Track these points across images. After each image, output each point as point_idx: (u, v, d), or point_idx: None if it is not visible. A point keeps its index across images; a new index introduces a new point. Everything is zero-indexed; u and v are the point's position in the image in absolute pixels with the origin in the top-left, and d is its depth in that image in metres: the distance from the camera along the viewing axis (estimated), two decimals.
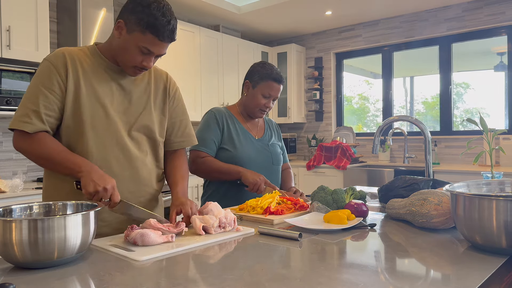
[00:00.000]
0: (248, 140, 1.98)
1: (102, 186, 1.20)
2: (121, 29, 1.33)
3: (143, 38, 1.30)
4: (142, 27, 1.29)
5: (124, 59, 1.35)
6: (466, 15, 4.42)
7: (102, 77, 1.38)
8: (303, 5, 4.48)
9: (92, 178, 1.21)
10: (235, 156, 1.91)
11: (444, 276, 0.89)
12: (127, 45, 1.32)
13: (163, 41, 1.32)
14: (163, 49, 1.35)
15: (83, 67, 1.36)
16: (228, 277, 0.88)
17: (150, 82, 1.49)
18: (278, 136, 2.16)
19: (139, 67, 1.36)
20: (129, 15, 1.31)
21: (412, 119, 1.87)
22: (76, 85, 1.33)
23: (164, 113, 1.52)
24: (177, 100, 1.57)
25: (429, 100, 4.97)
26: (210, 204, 1.35)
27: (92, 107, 1.34)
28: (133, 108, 1.43)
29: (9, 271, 0.94)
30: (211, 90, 4.68)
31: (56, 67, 1.32)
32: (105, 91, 1.37)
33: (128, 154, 1.41)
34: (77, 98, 1.33)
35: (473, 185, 1.24)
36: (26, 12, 3.00)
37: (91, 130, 1.34)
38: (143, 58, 1.34)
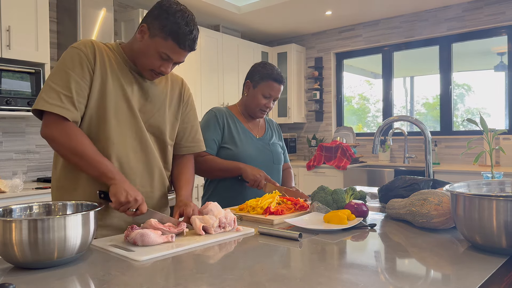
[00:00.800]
0: (249, 139, 1.98)
1: (134, 197, 1.24)
2: (143, 33, 1.36)
3: (164, 44, 1.33)
4: (165, 33, 1.31)
5: (143, 62, 1.38)
6: (466, 15, 4.42)
7: (124, 74, 1.40)
8: (303, 5, 4.47)
9: (124, 187, 1.24)
10: (236, 155, 1.91)
11: (444, 276, 0.89)
12: (148, 49, 1.35)
13: (183, 49, 1.35)
14: (182, 57, 1.38)
15: (110, 60, 1.38)
16: (228, 277, 0.88)
17: (167, 85, 1.52)
18: (279, 136, 2.17)
19: (156, 72, 1.38)
20: (153, 21, 1.34)
21: (412, 119, 1.87)
22: (103, 75, 1.35)
23: (177, 117, 1.55)
24: (190, 106, 1.61)
25: (430, 101, 4.97)
26: (210, 204, 1.35)
27: (116, 98, 1.37)
28: (148, 107, 1.45)
29: (9, 271, 0.94)
30: (211, 90, 4.68)
31: (86, 54, 1.32)
32: (128, 87, 1.40)
33: (146, 148, 1.43)
34: (104, 87, 1.34)
35: (473, 185, 1.24)
36: (26, 12, 3.00)
37: (114, 120, 1.36)
38: (161, 63, 1.36)
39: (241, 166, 1.86)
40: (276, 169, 2.04)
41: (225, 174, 1.90)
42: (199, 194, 4.10)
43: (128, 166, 1.39)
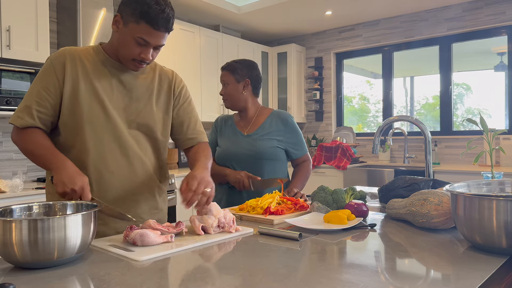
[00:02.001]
0: (235, 136, 2.04)
1: (70, 188, 1.20)
2: (118, 23, 1.34)
3: (138, 28, 1.30)
4: (136, 17, 1.29)
5: (123, 53, 1.36)
6: (466, 15, 4.42)
7: (102, 74, 1.39)
8: (303, 5, 4.47)
9: (61, 178, 1.21)
10: (223, 152, 2.02)
11: (444, 276, 0.89)
12: (124, 38, 1.33)
13: (158, 30, 1.31)
14: (159, 40, 1.34)
15: (84, 65, 1.37)
16: (228, 277, 0.88)
17: (153, 81, 1.49)
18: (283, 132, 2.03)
19: (138, 60, 1.36)
20: (125, 8, 1.32)
21: (412, 119, 1.87)
22: (74, 83, 1.35)
23: (168, 113, 1.51)
24: (184, 98, 1.57)
25: (430, 101, 4.96)
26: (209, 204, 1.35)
27: (90, 103, 1.35)
28: (133, 106, 1.42)
29: (9, 271, 0.94)
30: (211, 90, 4.68)
31: (54, 65, 1.35)
32: (104, 88, 1.38)
33: (126, 151, 1.41)
34: (75, 95, 1.34)
35: (473, 185, 1.24)
36: (26, 12, 3.00)
37: (88, 126, 1.35)
38: (140, 50, 1.34)
39: (226, 173, 1.93)
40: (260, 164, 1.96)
41: (219, 180, 1.97)
42: None
43: (107, 172, 1.37)
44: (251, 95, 2.06)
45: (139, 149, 1.44)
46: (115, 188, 1.39)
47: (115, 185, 1.39)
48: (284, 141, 2.03)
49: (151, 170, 1.48)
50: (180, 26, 4.28)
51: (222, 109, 4.78)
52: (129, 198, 1.43)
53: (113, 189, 1.39)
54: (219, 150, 2.05)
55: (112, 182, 1.38)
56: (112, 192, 1.39)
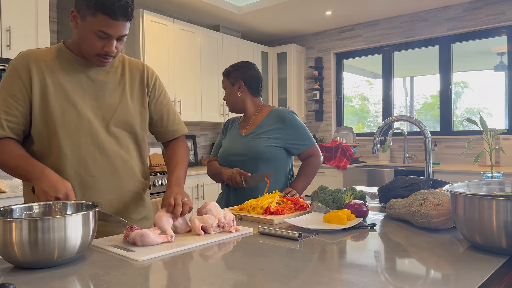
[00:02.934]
0: (234, 136, 2.07)
1: (54, 196, 1.16)
2: (76, 18, 1.28)
3: (95, 21, 1.23)
4: (92, 9, 1.22)
5: (85, 49, 1.29)
6: (466, 15, 4.42)
7: (70, 74, 1.33)
8: (303, 5, 4.48)
9: (42, 187, 1.18)
10: (221, 153, 2.07)
11: (444, 276, 0.89)
12: (84, 33, 1.26)
13: (116, 19, 1.24)
14: (120, 30, 1.27)
15: (49, 66, 1.31)
16: (228, 277, 0.88)
17: (124, 74, 1.43)
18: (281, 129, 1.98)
19: (103, 55, 1.29)
20: (79, 1, 1.26)
21: (412, 119, 1.87)
22: (42, 86, 1.29)
23: (144, 106, 1.46)
24: (159, 90, 1.52)
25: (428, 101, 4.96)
26: (209, 204, 1.35)
27: (61, 106, 1.30)
28: (108, 103, 1.37)
29: (9, 271, 0.94)
30: (211, 90, 4.68)
31: (18, 71, 1.28)
32: (75, 88, 1.32)
33: (106, 152, 1.36)
34: (44, 100, 1.29)
35: (473, 185, 1.24)
36: (26, 12, 3.00)
37: (62, 131, 1.30)
38: (103, 43, 1.27)
39: (221, 171, 1.99)
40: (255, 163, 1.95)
41: (218, 179, 2.06)
42: (199, 194, 4.10)
43: (88, 175, 1.33)
44: (249, 95, 2.06)
45: (119, 147, 1.39)
46: (100, 192, 1.34)
47: (99, 188, 1.35)
48: (282, 139, 1.97)
49: (134, 167, 1.44)
50: (180, 26, 4.28)
51: (222, 109, 4.78)
52: (116, 199, 1.39)
53: (97, 193, 1.35)
54: (220, 150, 2.09)
55: (95, 185, 1.34)
56: (97, 196, 1.35)
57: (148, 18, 3.92)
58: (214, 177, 2.09)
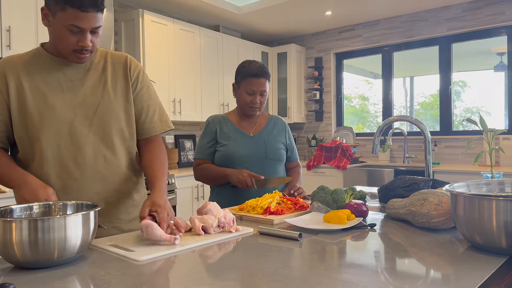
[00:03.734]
0: (241, 137, 2.02)
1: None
2: (47, 16, 1.24)
3: (65, 15, 1.19)
4: (60, 4, 1.18)
5: (61, 46, 1.26)
6: (466, 15, 4.42)
7: (48, 75, 1.30)
8: (303, 5, 4.48)
9: (23, 195, 1.17)
10: (228, 153, 1.97)
11: (444, 276, 0.89)
12: (57, 30, 1.23)
13: (86, 11, 1.19)
14: (92, 22, 1.22)
15: (26, 70, 1.29)
16: (228, 277, 0.88)
17: (105, 70, 1.39)
18: (284, 134, 2.14)
19: (79, 50, 1.25)
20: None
21: (412, 119, 1.87)
22: (19, 91, 1.27)
23: (129, 100, 1.41)
24: (141, 84, 1.45)
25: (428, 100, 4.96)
26: (209, 204, 1.35)
27: (39, 109, 1.27)
28: (89, 101, 1.33)
29: (9, 271, 0.94)
30: (211, 90, 4.68)
31: None
32: (53, 89, 1.30)
33: (88, 153, 1.32)
34: (22, 104, 1.27)
35: (473, 185, 1.24)
36: (26, 12, 3.00)
37: (42, 135, 1.27)
38: (77, 38, 1.23)
39: (226, 173, 1.90)
40: (270, 164, 2.01)
41: (218, 182, 1.99)
42: (199, 194, 4.10)
43: (70, 178, 1.30)
44: None
45: (103, 146, 1.35)
46: (83, 194, 1.32)
47: (83, 191, 1.32)
48: (285, 144, 2.13)
49: (122, 166, 1.41)
50: (180, 26, 4.28)
51: (222, 109, 4.78)
52: (102, 200, 1.36)
53: (81, 195, 1.32)
54: (222, 151, 1.98)
55: (78, 188, 1.31)
56: (82, 199, 1.31)
57: (148, 18, 3.92)
58: (210, 180, 2.01)
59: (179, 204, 3.86)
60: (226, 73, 4.88)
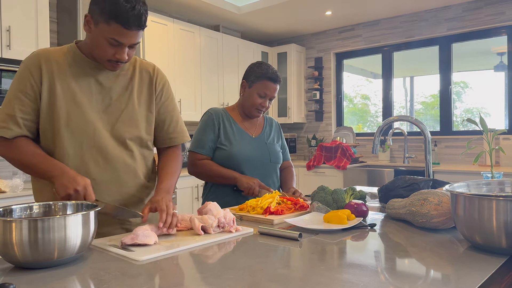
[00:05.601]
0: (244, 138, 1.98)
1: (73, 188, 1.18)
2: (89, 23, 1.28)
3: (108, 29, 1.23)
4: (105, 17, 1.21)
5: (97, 54, 1.30)
6: (466, 15, 4.42)
7: (80, 75, 1.33)
8: (303, 5, 4.48)
9: (62, 182, 1.19)
10: (232, 154, 1.92)
11: (444, 276, 0.89)
12: (97, 39, 1.27)
13: (129, 29, 1.23)
14: (133, 38, 1.26)
15: (59, 66, 1.32)
16: (228, 277, 0.88)
17: (133, 77, 1.43)
18: (279, 135, 2.16)
19: (114, 60, 1.30)
20: (93, 6, 1.25)
21: (412, 119, 1.87)
22: (51, 85, 1.30)
23: (151, 109, 1.45)
24: (166, 95, 1.50)
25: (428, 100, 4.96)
26: (209, 204, 1.35)
27: (67, 107, 1.30)
28: (114, 106, 1.37)
29: (9, 271, 0.94)
30: (211, 90, 4.68)
31: (29, 68, 1.29)
32: (82, 90, 1.33)
33: (107, 155, 1.36)
34: (52, 99, 1.30)
35: (473, 185, 1.24)
36: (26, 12, 3.00)
37: (66, 131, 1.30)
38: (114, 50, 1.27)
39: (236, 176, 1.87)
40: (273, 168, 2.04)
41: (221, 181, 1.93)
42: (199, 194, 4.10)
43: (90, 178, 1.30)
44: None
45: (123, 151, 1.39)
46: (99, 194, 1.33)
47: (99, 191, 1.34)
48: (280, 145, 2.14)
49: (138, 171, 1.44)
50: (180, 26, 4.28)
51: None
52: (115, 202, 1.38)
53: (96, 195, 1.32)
54: (226, 151, 1.93)
55: (95, 188, 1.32)
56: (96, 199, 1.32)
57: (148, 18, 3.91)
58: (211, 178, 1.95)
59: (179, 204, 3.86)
60: (226, 73, 4.88)
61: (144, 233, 1.14)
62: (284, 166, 2.18)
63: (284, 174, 2.16)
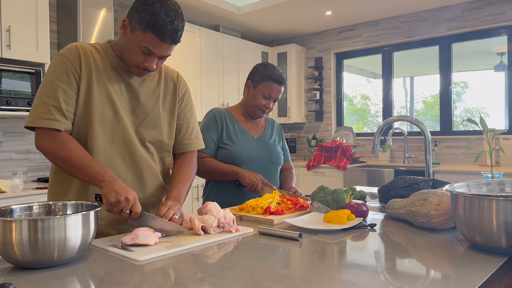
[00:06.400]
0: (247, 138, 1.98)
1: (124, 196, 1.18)
2: (126, 27, 1.31)
3: (144, 37, 1.27)
4: (143, 26, 1.25)
5: (127, 58, 1.33)
6: (466, 15, 4.42)
7: (113, 75, 1.36)
8: (303, 5, 4.48)
9: (114, 188, 1.19)
10: (234, 154, 1.92)
11: (444, 276, 0.89)
12: (130, 44, 1.30)
13: (164, 41, 1.28)
14: (165, 50, 1.31)
15: (96, 63, 1.34)
16: (228, 277, 0.88)
17: (159, 83, 1.47)
18: (280, 136, 2.17)
19: (142, 68, 1.33)
20: (134, 14, 1.28)
21: (412, 119, 1.87)
22: (89, 80, 1.32)
23: (173, 115, 1.50)
24: (186, 102, 1.54)
25: (428, 100, 4.97)
26: (209, 204, 1.35)
27: (102, 103, 1.33)
28: (141, 109, 1.41)
29: (9, 271, 0.94)
30: (211, 90, 4.68)
31: (71, 61, 1.30)
32: (115, 89, 1.36)
33: (134, 154, 1.39)
34: (89, 94, 1.31)
35: (473, 185, 1.24)
36: (26, 12, 3.00)
37: (99, 127, 1.33)
38: (144, 58, 1.31)
39: (238, 171, 1.86)
40: (275, 169, 2.05)
41: (223, 178, 1.92)
42: (199, 194, 4.10)
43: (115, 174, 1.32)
44: None
45: (146, 152, 1.43)
46: None
47: None
48: (281, 146, 2.15)
49: (158, 173, 1.48)
50: None
51: None
52: None
53: None
54: (228, 151, 1.93)
55: None
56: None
57: None
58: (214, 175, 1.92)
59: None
60: (226, 73, 4.88)
61: (144, 234, 1.14)
62: (285, 168, 2.18)
63: (284, 175, 2.16)
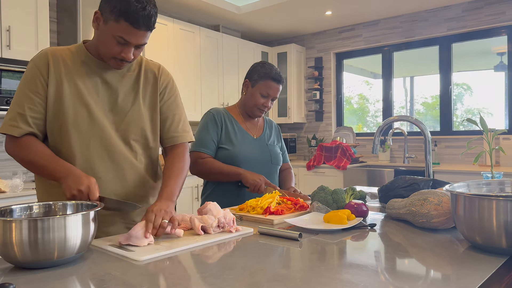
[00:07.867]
0: (246, 139, 1.98)
1: (76, 189, 1.18)
2: (98, 20, 1.28)
3: (117, 27, 1.23)
4: (115, 15, 1.22)
5: (103, 51, 1.30)
6: (466, 15, 4.42)
7: (86, 74, 1.34)
8: (303, 5, 4.48)
9: (67, 182, 1.19)
10: (234, 155, 1.91)
11: (444, 276, 0.89)
12: (104, 36, 1.27)
13: (138, 28, 1.24)
14: (141, 38, 1.27)
15: (67, 65, 1.32)
16: (228, 277, 0.88)
17: (139, 77, 1.44)
18: (278, 136, 2.17)
19: (119, 59, 1.30)
20: (104, 4, 1.26)
21: (412, 119, 1.87)
22: (58, 85, 1.31)
23: (156, 109, 1.46)
24: (169, 94, 1.50)
25: (429, 101, 4.97)
26: (209, 204, 1.35)
27: (74, 106, 1.31)
28: (120, 106, 1.38)
29: (9, 271, 0.94)
30: (211, 90, 4.68)
31: (39, 67, 1.30)
32: (89, 90, 1.34)
33: (114, 155, 1.37)
34: (59, 98, 1.30)
35: (473, 185, 1.24)
36: (26, 12, 3.00)
37: (74, 130, 1.31)
38: (121, 49, 1.28)
39: (240, 172, 1.85)
40: (274, 169, 2.05)
41: (225, 178, 1.91)
42: (199, 194, 4.09)
43: (96, 177, 1.31)
44: None
45: (128, 151, 1.40)
46: (104, 193, 1.34)
47: (104, 190, 1.35)
48: (280, 146, 2.15)
49: (143, 171, 1.45)
50: (180, 26, 4.28)
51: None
52: None
53: (102, 193, 1.34)
54: (227, 151, 1.92)
55: (100, 187, 1.32)
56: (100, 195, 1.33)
57: None
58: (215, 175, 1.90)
59: (179, 204, 3.86)
60: (226, 73, 4.88)
61: (136, 235, 1.13)
62: (283, 168, 2.18)
63: (283, 175, 2.16)
